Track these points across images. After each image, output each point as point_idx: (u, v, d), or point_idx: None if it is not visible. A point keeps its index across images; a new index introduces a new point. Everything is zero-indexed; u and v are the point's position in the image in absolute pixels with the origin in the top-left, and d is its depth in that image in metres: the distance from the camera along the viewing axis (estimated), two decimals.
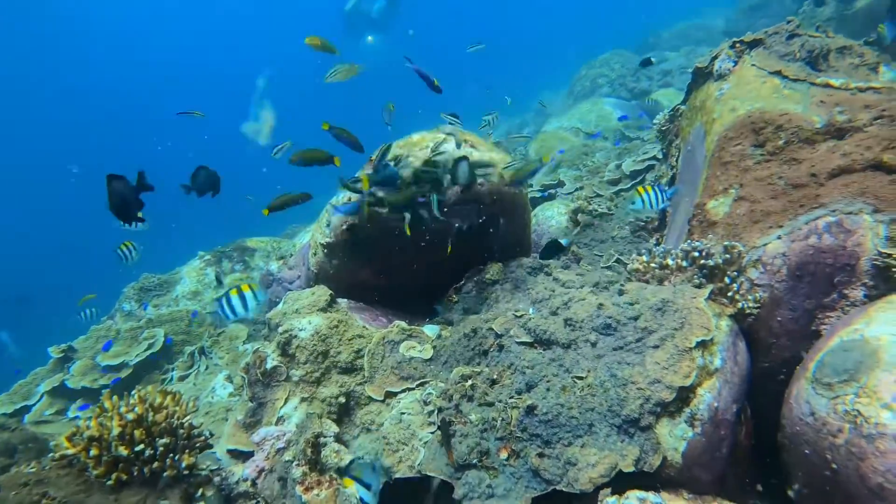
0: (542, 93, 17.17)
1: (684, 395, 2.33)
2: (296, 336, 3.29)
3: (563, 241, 3.90)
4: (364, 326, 3.45)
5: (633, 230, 4.54)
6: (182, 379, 5.11)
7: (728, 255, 2.70)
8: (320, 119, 3.25)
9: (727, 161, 3.17)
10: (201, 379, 4.49)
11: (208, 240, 7.51)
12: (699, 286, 2.72)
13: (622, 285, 2.86)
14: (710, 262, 2.70)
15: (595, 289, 3.26)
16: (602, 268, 4.26)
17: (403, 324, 3.40)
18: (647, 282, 2.96)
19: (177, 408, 2.81)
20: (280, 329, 3.33)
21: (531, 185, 6.54)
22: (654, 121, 4.79)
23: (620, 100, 10.47)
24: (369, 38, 14.03)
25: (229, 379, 4.23)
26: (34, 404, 5.46)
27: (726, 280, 2.65)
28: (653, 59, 7.79)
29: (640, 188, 3.33)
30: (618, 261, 4.29)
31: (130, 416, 2.61)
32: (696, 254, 2.76)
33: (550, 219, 4.82)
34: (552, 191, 6.10)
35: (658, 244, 4.38)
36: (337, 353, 3.26)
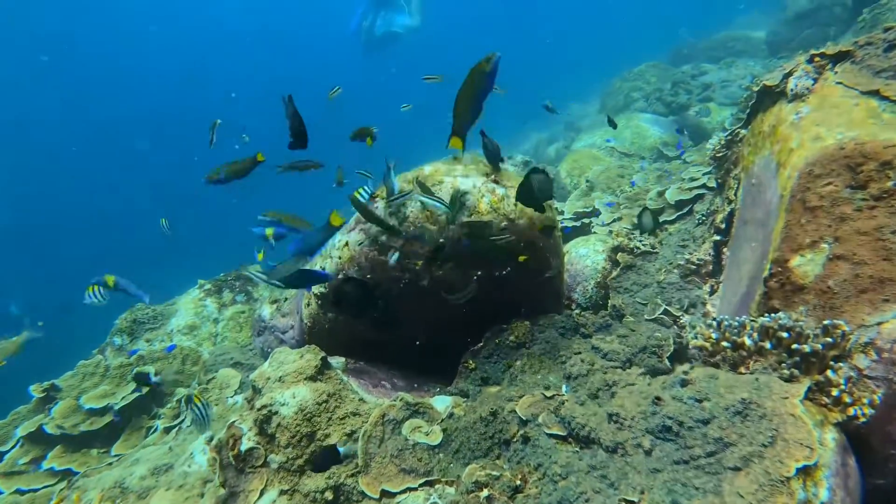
0: (572, 105, 16.52)
1: None
2: (276, 413, 2.70)
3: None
4: (361, 399, 2.85)
5: (683, 274, 3.88)
6: (167, 431, 4.57)
7: (829, 339, 2.04)
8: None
9: (815, 206, 2.51)
10: (181, 439, 3.96)
11: (214, 265, 7.02)
12: (790, 379, 2.06)
13: (685, 373, 2.21)
14: (806, 348, 2.04)
15: (644, 364, 2.62)
16: (647, 320, 3.61)
17: (408, 397, 2.80)
18: (716, 365, 2.31)
19: None
20: (258, 403, 2.76)
21: (562, 212, 5.91)
22: (708, 145, 4.14)
23: (657, 115, 9.77)
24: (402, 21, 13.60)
25: (212, 441, 3.67)
26: (9, 450, 4.98)
27: (829, 373, 1.99)
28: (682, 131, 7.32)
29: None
30: (666, 312, 3.63)
31: None
32: (784, 334, 2.10)
33: (585, 258, 4.18)
34: (586, 220, 5.46)
35: (713, 292, 3.72)
36: (325, 437, 2.67)
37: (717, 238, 3.78)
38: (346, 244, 3.08)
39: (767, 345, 2.11)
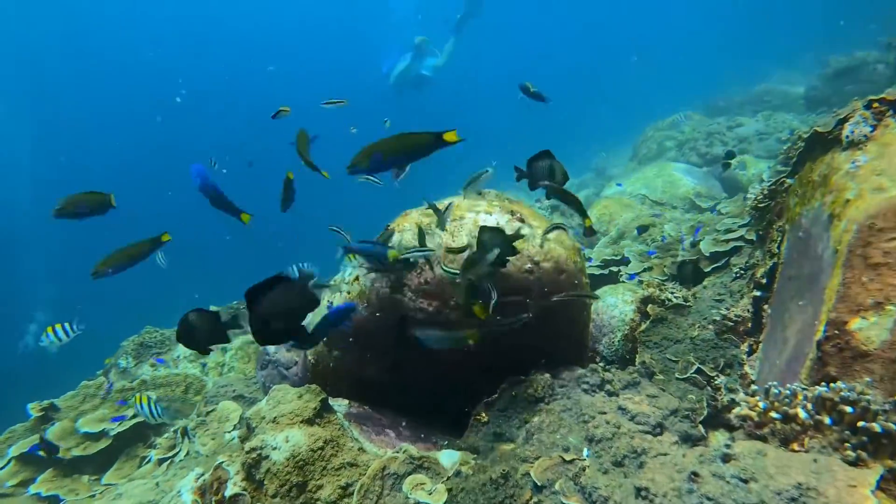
0: (602, 154, 16.39)
1: None
2: (267, 457, 2.46)
3: None
4: (360, 448, 2.60)
5: (719, 331, 3.59)
6: (161, 463, 4.34)
7: None
8: None
9: (878, 262, 2.23)
10: (171, 474, 3.72)
11: (229, 291, 6.86)
12: (855, 462, 1.76)
13: (728, 446, 1.92)
14: (875, 427, 1.75)
15: (675, 428, 2.34)
16: (677, 379, 3.31)
17: (412, 449, 2.53)
18: (763, 439, 2.02)
19: None
20: (247, 445, 2.52)
21: (590, 259, 5.66)
22: (749, 194, 3.89)
23: (690, 165, 9.53)
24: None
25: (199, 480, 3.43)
26: (1, 469, 4.80)
27: None
28: (734, 155, 7.13)
29: None
30: (699, 371, 3.33)
31: None
32: (847, 408, 1.81)
33: (613, 307, 3.91)
34: (615, 268, 5.19)
35: (751, 353, 3.42)
36: (317, 488, 2.41)
37: (758, 294, 3.49)
38: (357, 278, 2.88)
39: (826, 419, 1.82)
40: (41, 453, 4.36)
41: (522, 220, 2.74)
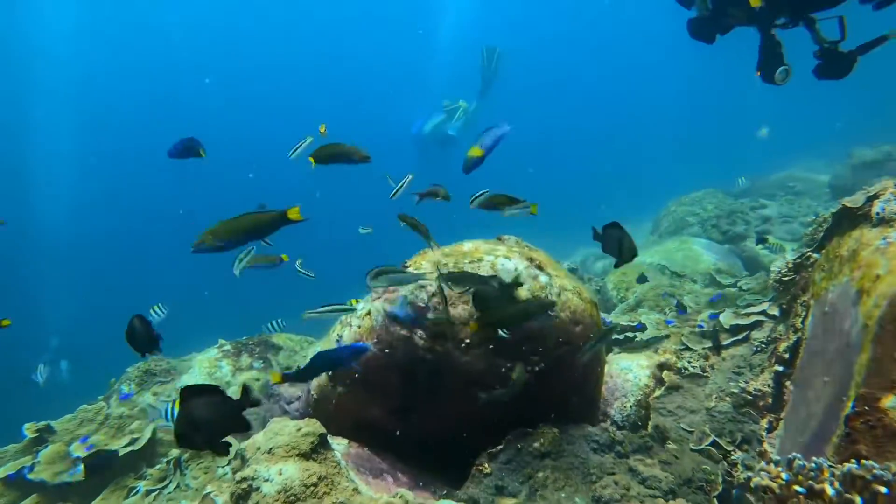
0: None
1: None
2: (258, 489, 2.36)
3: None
4: (355, 490, 2.48)
5: (737, 404, 3.45)
6: (149, 493, 4.19)
7: None
8: None
9: None
10: None
11: (242, 325, 6.81)
12: None
13: None
14: None
15: (688, 499, 2.21)
16: (692, 450, 3.17)
17: (409, 495, 2.42)
18: None
19: None
20: (238, 475, 2.42)
21: (606, 321, 5.56)
22: (773, 267, 3.82)
23: (712, 241, 9.47)
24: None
25: None
26: None
27: None
28: (768, 238, 7.12)
29: None
30: (715, 444, 3.19)
31: None
32: (881, 488, 1.69)
33: (627, 371, 3.79)
34: (630, 334, 5.08)
35: (771, 429, 3.27)
36: None
37: (780, 369, 3.37)
38: (369, 313, 2.83)
39: (857, 500, 1.70)
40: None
41: (541, 269, 2.70)
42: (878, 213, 2.84)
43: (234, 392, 5.62)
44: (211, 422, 1.91)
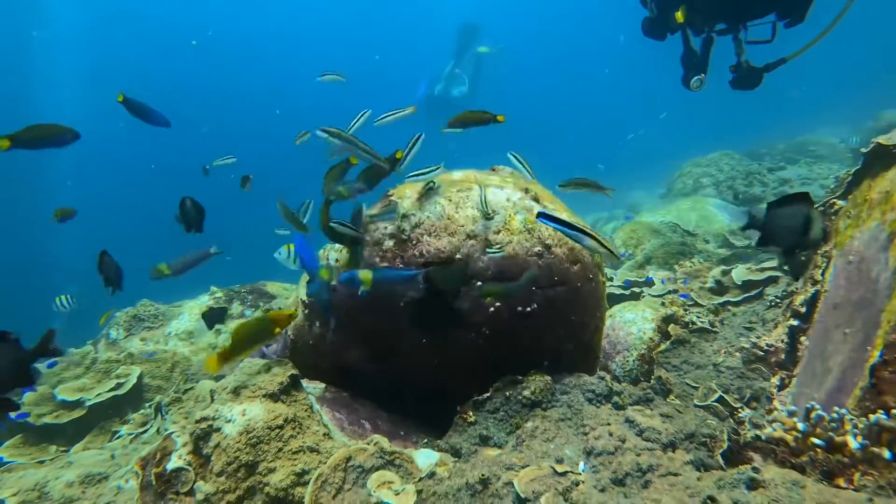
0: (635, 193, 16.05)
1: None
2: (219, 430, 2.17)
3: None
4: (326, 434, 2.29)
5: (747, 360, 3.21)
6: (134, 439, 4.06)
7: None
8: None
9: None
10: (132, 448, 3.44)
11: (234, 273, 6.62)
12: None
13: (755, 470, 1.57)
14: None
15: (691, 453, 1.99)
16: (696, 406, 2.95)
17: (385, 442, 2.21)
18: (800, 469, 1.66)
19: None
20: (198, 413, 2.23)
21: (611, 279, 5.31)
22: None
23: (727, 202, 9.12)
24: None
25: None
26: None
27: None
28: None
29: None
30: (721, 400, 2.97)
31: None
32: None
33: (631, 324, 3.55)
34: (637, 289, 4.83)
35: (782, 387, 3.03)
36: (269, 471, 2.10)
37: (795, 323, 3.12)
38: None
39: (885, 453, 1.46)
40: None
41: (537, 200, 2.44)
42: None
43: (221, 342, 5.47)
44: None
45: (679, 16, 3.19)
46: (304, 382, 2.80)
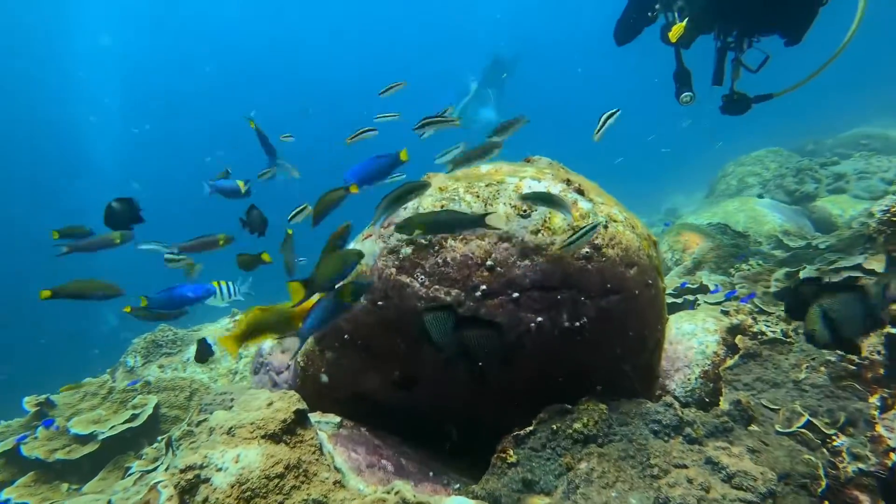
0: (675, 196, 15.48)
1: None
2: (207, 480, 1.81)
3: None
4: (337, 482, 1.90)
5: (835, 376, 2.73)
6: (140, 479, 3.75)
7: None
8: None
9: None
10: (133, 491, 3.12)
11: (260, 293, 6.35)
12: None
13: None
14: None
15: (789, 498, 1.56)
16: (777, 433, 2.48)
17: (407, 491, 1.82)
18: None
19: None
20: (183, 462, 1.87)
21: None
22: (876, 207, 3.05)
23: (777, 202, 8.52)
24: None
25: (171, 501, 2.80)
26: None
27: None
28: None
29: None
30: (809, 425, 2.49)
31: None
32: None
33: (691, 336, 3.09)
34: (690, 296, 4.36)
35: (886, 408, 2.55)
36: None
37: (894, 331, 2.63)
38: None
39: None
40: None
41: (581, 193, 2.03)
42: None
43: (242, 366, 5.16)
44: None
45: (672, 36, 3.42)
46: (317, 416, 2.43)
